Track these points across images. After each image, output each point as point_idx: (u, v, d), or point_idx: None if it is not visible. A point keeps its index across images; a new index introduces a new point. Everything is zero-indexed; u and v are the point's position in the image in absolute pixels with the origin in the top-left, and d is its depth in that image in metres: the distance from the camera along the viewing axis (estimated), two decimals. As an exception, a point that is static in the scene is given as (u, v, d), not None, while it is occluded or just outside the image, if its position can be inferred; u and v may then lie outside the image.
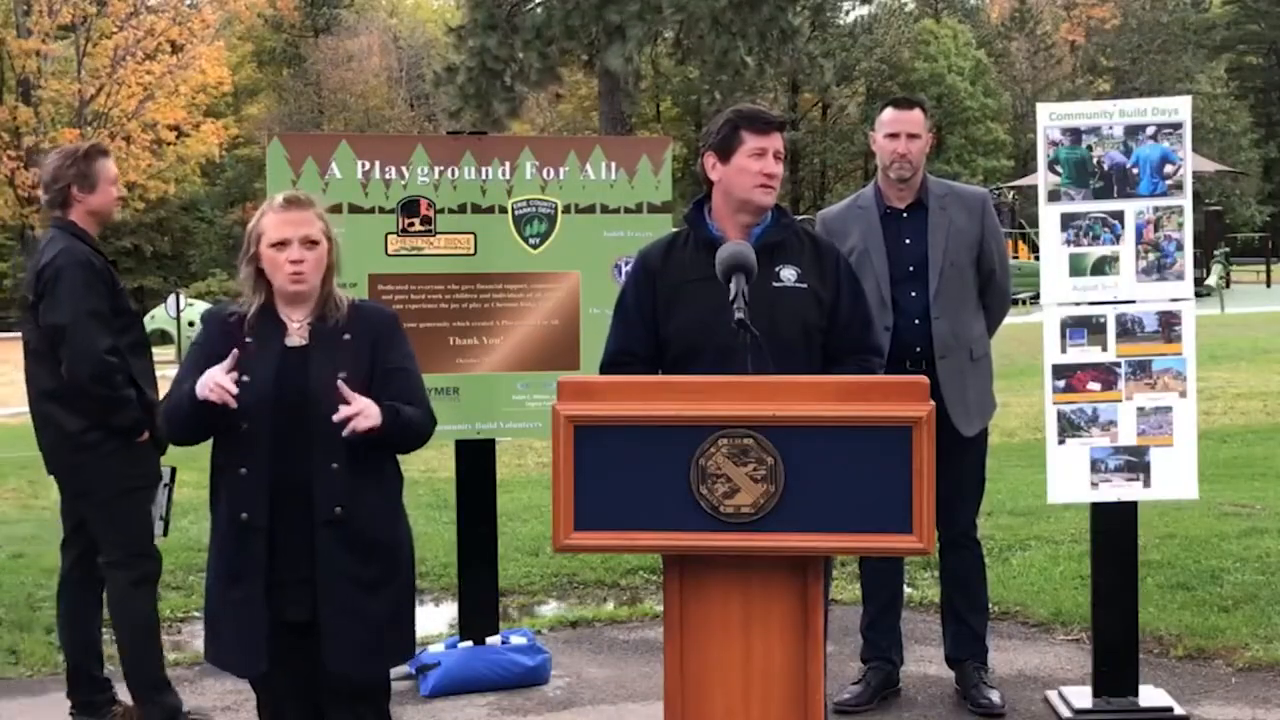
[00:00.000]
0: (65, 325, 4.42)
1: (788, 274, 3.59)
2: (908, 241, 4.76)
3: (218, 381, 3.21)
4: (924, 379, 2.83)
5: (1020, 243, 29.14)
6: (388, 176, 5.16)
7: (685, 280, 3.56)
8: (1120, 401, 4.64)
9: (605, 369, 3.70)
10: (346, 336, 3.40)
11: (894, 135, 4.75)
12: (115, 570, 4.60)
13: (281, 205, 3.38)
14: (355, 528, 3.33)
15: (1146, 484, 4.64)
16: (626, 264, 5.35)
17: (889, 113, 4.82)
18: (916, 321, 4.69)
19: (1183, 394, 4.63)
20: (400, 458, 3.58)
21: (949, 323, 4.71)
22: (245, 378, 3.30)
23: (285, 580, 3.33)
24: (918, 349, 4.68)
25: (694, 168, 4.42)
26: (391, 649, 3.47)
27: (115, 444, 4.52)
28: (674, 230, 3.81)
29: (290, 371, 3.34)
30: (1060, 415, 4.66)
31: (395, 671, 3.68)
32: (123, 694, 4.70)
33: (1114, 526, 4.71)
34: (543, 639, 5.58)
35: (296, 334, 3.39)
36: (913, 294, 4.70)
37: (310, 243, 3.36)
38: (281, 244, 3.34)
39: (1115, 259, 4.65)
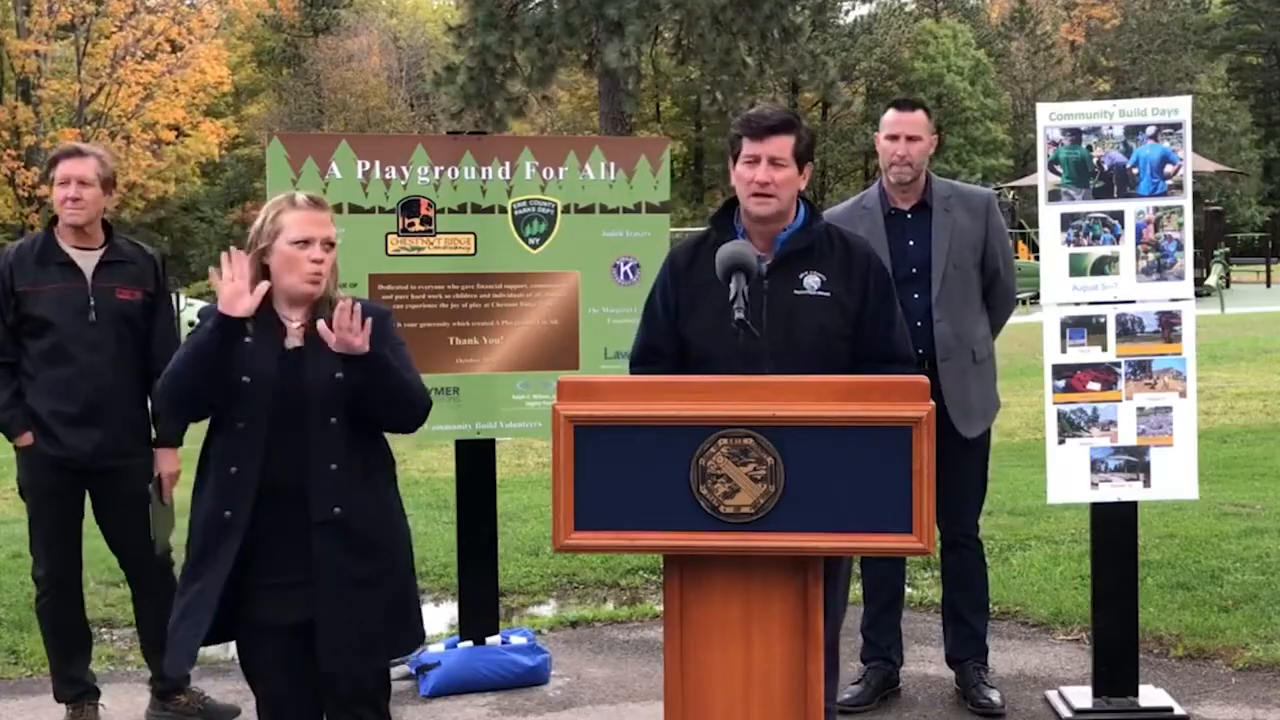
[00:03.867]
0: None
1: (811, 281, 3.56)
2: (911, 243, 4.76)
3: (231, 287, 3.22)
4: (924, 379, 2.83)
5: (1020, 243, 29.15)
6: (388, 176, 5.16)
7: (706, 282, 3.50)
8: (1120, 401, 4.64)
9: (633, 365, 3.74)
10: None
11: (894, 137, 4.75)
12: None
13: (307, 203, 3.38)
14: (352, 526, 3.32)
15: (1146, 484, 4.64)
16: (626, 264, 5.36)
17: (890, 114, 4.82)
18: (919, 324, 4.68)
19: (1183, 394, 4.63)
20: (400, 458, 3.57)
21: (951, 325, 4.70)
22: (246, 378, 3.30)
23: (281, 583, 3.32)
24: (920, 351, 4.67)
25: (692, 168, 4.41)
26: (391, 645, 3.46)
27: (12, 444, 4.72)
28: (704, 230, 3.78)
29: (287, 373, 3.33)
30: (1060, 415, 4.66)
31: (395, 671, 3.68)
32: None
33: (1114, 526, 4.71)
34: (543, 639, 5.58)
35: (294, 334, 3.39)
36: (915, 295, 4.69)
37: (330, 244, 3.38)
38: (305, 242, 3.34)
39: (1115, 259, 4.64)
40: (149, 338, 4.70)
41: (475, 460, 5.38)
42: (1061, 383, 4.66)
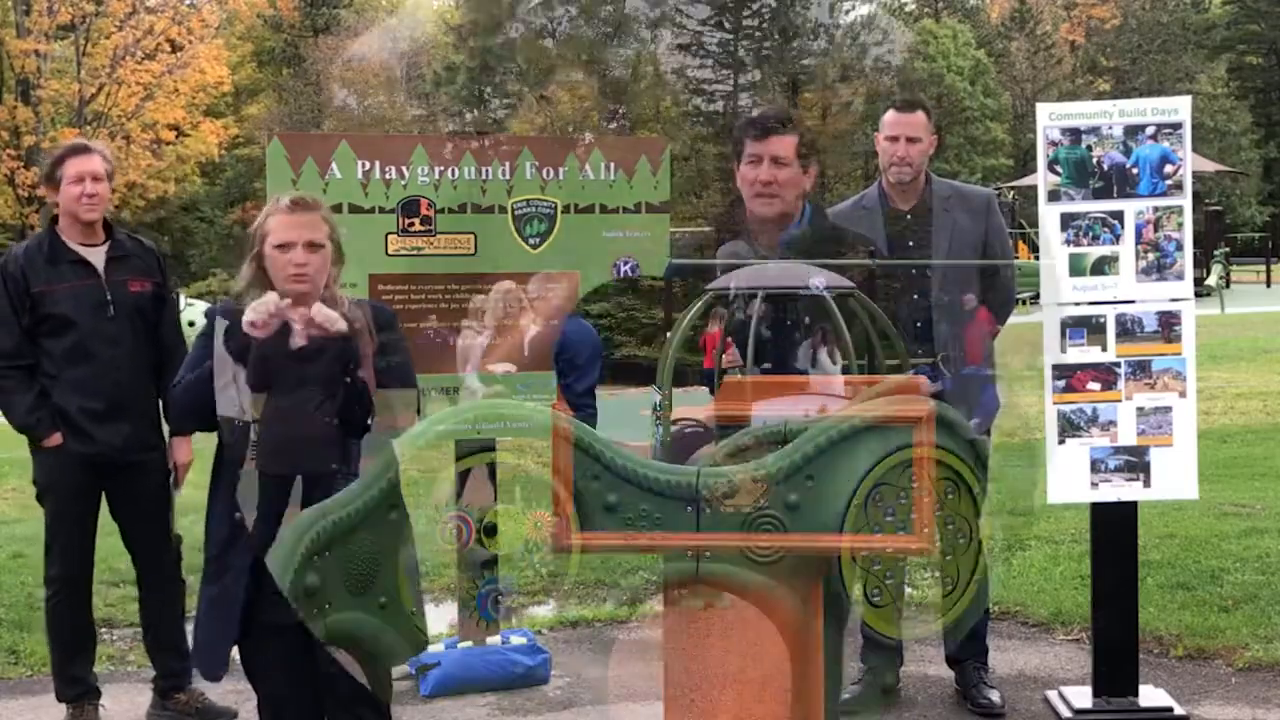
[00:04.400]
0: None
1: (816, 282, 3.56)
2: (911, 244, 4.76)
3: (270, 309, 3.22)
4: (924, 379, 2.83)
5: (1020, 243, 29.13)
6: (388, 176, 5.16)
7: None
8: (1120, 401, 4.64)
9: None
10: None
11: (894, 138, 4.75)
12: None
13: (287, 207, 3.38)
14: None
15: (1146, 484, 4.64)
16: (625, 263, 5.36)
17: (890, 114, 4.82)
18: (919, 324, 4.69)
19: (1182, 394, 4.63)
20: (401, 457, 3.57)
21: (951, 325, 4.70)
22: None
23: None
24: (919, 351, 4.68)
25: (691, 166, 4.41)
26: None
27: (34, 445, 4.69)
28: (710, 229, 3.78)
29: (290, 374, 3.33)
30: (1060, 415, 4.66)
31: (395, 671, 3.68)
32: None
33: (1114, 526, 4.71)
34: (543, 639, 5.58)
35: (299, 335, 3.39)
36: (915, 296, 4.69)
37: (314, 246, 3.37)
38: (285, 246, 3.35)
39: (1115, 259, 4.65)
40: (157, 328, 4.73)
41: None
42: (1061, 383, 4.66)
